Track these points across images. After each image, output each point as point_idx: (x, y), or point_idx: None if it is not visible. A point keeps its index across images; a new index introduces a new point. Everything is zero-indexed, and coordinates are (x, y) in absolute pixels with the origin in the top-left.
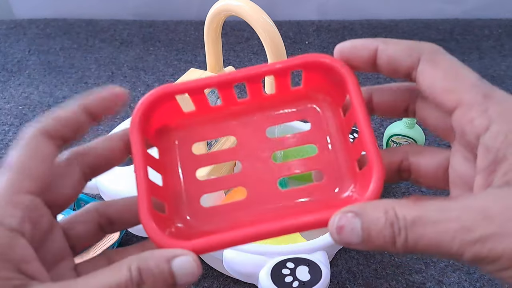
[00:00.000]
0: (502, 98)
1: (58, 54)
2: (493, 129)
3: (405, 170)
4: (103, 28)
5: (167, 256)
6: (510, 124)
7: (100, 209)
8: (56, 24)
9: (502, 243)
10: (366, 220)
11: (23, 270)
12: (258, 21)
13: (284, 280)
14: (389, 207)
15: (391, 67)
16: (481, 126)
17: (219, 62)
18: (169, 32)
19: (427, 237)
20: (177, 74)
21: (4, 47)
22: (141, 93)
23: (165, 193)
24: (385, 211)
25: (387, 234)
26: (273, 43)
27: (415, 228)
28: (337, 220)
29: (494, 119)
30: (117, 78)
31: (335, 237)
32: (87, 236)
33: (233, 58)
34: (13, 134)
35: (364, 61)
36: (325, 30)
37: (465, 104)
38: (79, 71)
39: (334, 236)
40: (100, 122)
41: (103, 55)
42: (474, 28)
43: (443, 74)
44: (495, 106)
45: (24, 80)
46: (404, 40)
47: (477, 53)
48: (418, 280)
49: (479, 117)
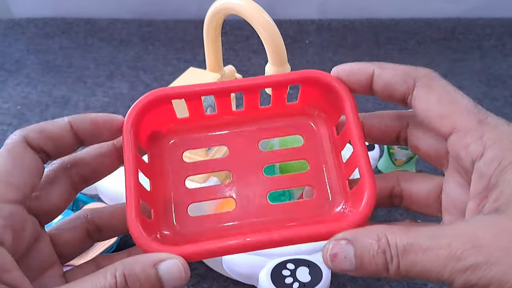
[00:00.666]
0: (496, 124)
1: (56, 54)
2: (487, 155)
3: (396, 196)
4: (102, 27)
5: (154, 260)
6: (504, 151)
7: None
8: (54, 23)
9: (491, 271)
10: (359, 247)
11: (3, 279)
12: (258, 20)
13: (284, 281)
14: (381, 234)
15: (387, 92)
16: (476, 152)
17: (219, 61)
18: (168, 31)
19: (418, 265)
20: (176, 73)
21: (3, 47)
22: (140, 92)
23: (153, 200)
24: (377, 238)
25: (380, 262)
26: (273, 42)
27: (406, 255)
28: (331, 248)
29: (488, 145)
30: (115, 78)
31: (329, 264)
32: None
33: (233, 57)
34: (11, 133)
35: (361, 85)
36: (326, 29)
37: (460, 129)
38: (77, 71)
39: (328, 263)
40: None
41: (101, 54)
42: (476, 27)
43: (438, 99)
44: (489, 132)
45: (23, 79)
46: (400, 65)
47: (479, 52)
48: (419, 281)
49: (474, 143)
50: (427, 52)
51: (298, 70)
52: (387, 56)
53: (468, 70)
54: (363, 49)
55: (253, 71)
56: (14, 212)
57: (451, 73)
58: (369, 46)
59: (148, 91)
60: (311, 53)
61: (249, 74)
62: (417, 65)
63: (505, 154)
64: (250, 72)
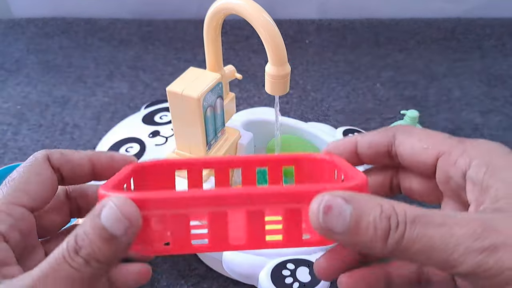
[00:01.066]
0: (474, 141)
1: (56, 53)
2: (474, 164)
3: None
4: (102, 27)
5: (99, 209)
6: (487, 157)
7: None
8: (54, 23)
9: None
10: (358, 207)
11: (3, 273)
12: (258, 19)
13: (284, 282)
14: (386, 202)
15: (372, 150)
16: (464, 164)
17: (219, 61)
18: (168, 31)
19: (426, 238)
20: (176, 73)
21: (3, 46)
22: (140, 92)
23: None
24: (381, 204)
25: (381, 228)
26: (273, 42)
27: (416, 226)
28: (326, 199)
29: (473, 156)
30: (115, 77)
31: (320, 217)
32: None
33: (233, 57)
34: (11, 133)
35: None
36: (326, 29)
37: (445, 152)
38: (77, 70)
39: (318, 216)
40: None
41: (101, 54)
42: (476, 27)
43: (419, 138)
44: (471, 147)
45: (23, 79)
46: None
47: (479, 52)
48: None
49: (460, 158)
50: (427, 52)
51: (298, 70)
52: (387, 56)
53: (468, 70)
54: (363, 49)
55: (253, 71)
56: (25, 216)
57: (451, 73)
58: (369, 46)
59: (148, 91)
60: (311, 53)
61: (249, 74)
62: (417, 65)
63: (489, 159)
64: (250, 72)
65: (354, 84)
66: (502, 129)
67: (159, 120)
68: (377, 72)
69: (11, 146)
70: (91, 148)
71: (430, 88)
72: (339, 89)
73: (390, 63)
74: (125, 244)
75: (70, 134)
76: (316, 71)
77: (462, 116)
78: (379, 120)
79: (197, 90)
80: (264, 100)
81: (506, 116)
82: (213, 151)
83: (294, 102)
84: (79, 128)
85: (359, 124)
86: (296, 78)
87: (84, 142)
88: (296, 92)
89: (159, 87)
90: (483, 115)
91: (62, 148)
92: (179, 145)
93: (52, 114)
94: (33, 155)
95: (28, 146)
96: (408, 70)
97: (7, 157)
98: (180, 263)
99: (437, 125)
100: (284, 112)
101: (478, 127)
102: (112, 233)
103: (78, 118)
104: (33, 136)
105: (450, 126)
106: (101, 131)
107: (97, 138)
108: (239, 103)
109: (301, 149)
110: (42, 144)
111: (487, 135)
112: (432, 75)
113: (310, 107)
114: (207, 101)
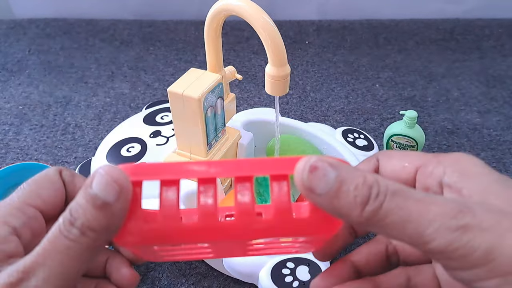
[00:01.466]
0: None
1: (58, 54)
2: (448, 171)
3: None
4: (103, 28)
5: (90, 180)
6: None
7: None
8: (56, 24)
9: (482, 236)
10: (342, 173)
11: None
12: (258, 20)
13: (284, 280)
14: (370, 174)
15: None
16: (439, 173)
17: (219, 61)
18: (169, 32)
19: (403, 211)
20: (177, 73)
21: (4, 47)
22: (141, 92)
23: None
24: (364, 175)
25: (361, 194)
26: (273, 43)
27: (395, 197)
28: (313, 160)
29: (447, 165)
30: (117, 78)
31: (304, 175)
32: None
33: (233, 57)
34: (13, 133)
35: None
36: (325, 30)
37: (421, 165)
38: (79, 71)
39: (303, 174)
40: None
41: (103, 54)
42: (475, 28)
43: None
44: (444, 158)
45: (24, 79)
46: None
47: (478, 53)
48: None
49: (435, 168)
50: (426, 53)
51: (298, 70)
52: (386, 56)
53: (467, 71)
54: (363, 49)
55: (253, 71)
56: (37, 217)
57: (450, 73)
58: (369, 47)
59: (149, 91)
60: (311, 54)
61: (250, 74)
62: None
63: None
64: (251, 73)
65: (353, 84)
66: (501, 129)
67: (160, 120)
68: (376, 72)
69: (13, 146)
70: (92, 148)
71: (429, 89)
72: (339, 89)
73: (389, 63)
74: (119, 210)
75: (72, 134)
76: (316, 71)
77: (460, 116)
78: (378, 120)
79: (197, 91)
80: (264, 100)
81: (505, 116)
82: (213, 151)
83: (294, 102)
84: (81, 128)
85: (359, 124)
86: (296, 78)
87: (86, 142)
88: (296, 93)
89: (160, 87)
90: (481, 115)
91: (63, 148)
92: (180, 145)
93: (53, 114)
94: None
95: (30, 146)
96: (407, 71)
97: (9, 157)
98: (181, 262)
99: (436, 125)
100: (284, 113)
101: (476, 127)
102: (104, 200)
103: (80, 118)
104: (35, 136)
105: (449, 126)
106: (102, 131)
107: (99, 138)
108: (239, 104)
109: (301, 149)
110: (43, 144)
111: (486, 135)
112: (431, 76)
113: (310, 107)
114: (208, 102)
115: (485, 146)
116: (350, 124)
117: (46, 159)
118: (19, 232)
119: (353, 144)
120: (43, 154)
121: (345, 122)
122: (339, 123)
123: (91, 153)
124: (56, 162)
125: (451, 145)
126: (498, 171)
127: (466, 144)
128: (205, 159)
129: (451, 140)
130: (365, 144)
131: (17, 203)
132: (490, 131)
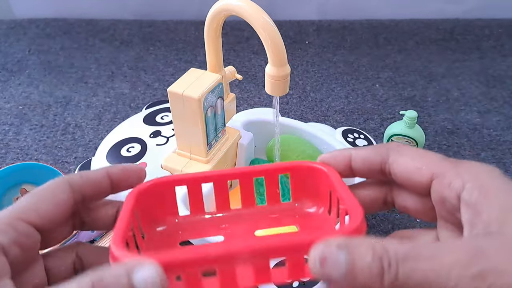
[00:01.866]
0: (467, 163)
1: (58, 54)
2: (468, 187)
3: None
4: (103, 28)
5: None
6: (480, 180)
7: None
8: (56, 24)
9: (501, 279)
10: (351, 252)
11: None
12: (258, 21)
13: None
14: (377, 243)
15: (365, 165)
16: (458, 187)
17: (219, 61)
18: (169, 32)
19: (420, 272)
20: (177, 73)
21: (4, 47)
22: (141, 92)
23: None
24: (372, 246)
25: (375, 269)
26: (273, 43)
27: (407, 262)
28: (320, 251)
29: (467, 179)
30: (117, 78)
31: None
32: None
33: (233, 57)
34: (13, 133)
35: (343, 166)
36: (325, 30)
37: (439, 174)
38: (79, 71)
39: (316, 268)
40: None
41: (103, 54)
42: (475, 28)
43: (412, 158)
44: (464, 170)
45: (24, 79)
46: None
47: (478, 53)
48: None
49: (454, 180)
50: (426, 53)
51: (298, 70)
52: (386, 56)
53: (467, 71)
54: (363, 49)
55: (253, 71)
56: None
57: (450, 73)
58: (369, 47)
59: (149, 91)
60: (311, 54)
61: (250, 74)
62: (416, 65)
63: (482, 182)
64: (251, 73)
65: (353, 84)
66: (501, 129)
67: (160, 120)
68: (376, 72)
69: (12, 146)
70: (92, 148)
71: (429, 89)
72: (339, 89)
73: (389, 63)
74: None
75: (72, 134)
76: (316, 71)
77: (460, 116)
78: (378, 120)
79: (197, 91)
80: (264, 100)
81: (505, 116)
82: (213, 151)
83: (294, 102)
84: (81, 128)
85: (359, 124)
86: (296, 78)
87: (86, 142)
88: (296, 93)
89: (160, 87)
90: (481, 115)
91: (63, 148)
92: (180, 145)
93: (53, 114)
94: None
95: (30, 146)
96: (407, 71)
97: (9, 157)
98: None
99: (435, 125)
100: (284, 113)
101: (476, 127)
102: None
103: (80, 118)
104: (35, 136)
105: (449, 126)
106: (102, 131)
107: (99, 138)
108: (239, 104)
109: (301, 149)
110: (43, 144)
111: (486, 135)
112: (431, 76)
113: (310, 108)
114: (208, 102)
115: (485, 146)
116: (350, 124)
117: (46, 159)
118: (7, 250)
119: (353, 144)
120: (43, 154)
121: (345, 122)
122: (339, 123)
123: (91, 153)
124: (56, 162)
125: (451, 145)
126: None
127: (466, 144)
128: (205, 159)
129: (451, 140)
130: (365, 144)
131: (8, 219)
132: (490, 131)
